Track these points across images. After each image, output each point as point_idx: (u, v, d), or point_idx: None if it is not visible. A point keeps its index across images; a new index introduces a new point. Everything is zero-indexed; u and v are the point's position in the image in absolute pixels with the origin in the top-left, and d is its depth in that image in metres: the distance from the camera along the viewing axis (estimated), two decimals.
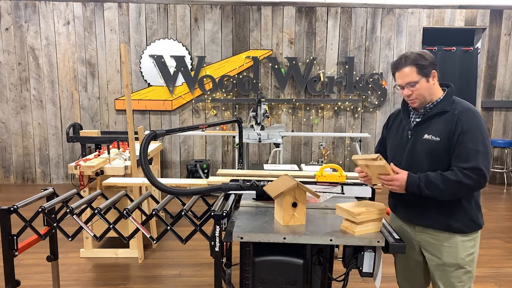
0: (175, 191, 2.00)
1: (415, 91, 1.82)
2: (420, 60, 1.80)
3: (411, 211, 1.92)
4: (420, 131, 1.86)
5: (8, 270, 2.02)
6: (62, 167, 6.20)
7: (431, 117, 1.85)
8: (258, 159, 6.33)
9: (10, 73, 5.96)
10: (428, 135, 1.83)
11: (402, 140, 1.95)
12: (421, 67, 1.80)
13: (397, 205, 2.02)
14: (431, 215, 1.85)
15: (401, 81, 1.84)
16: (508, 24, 6.16)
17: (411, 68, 1.80)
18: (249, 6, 5.98)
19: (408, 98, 1.86)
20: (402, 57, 1.85)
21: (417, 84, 1.80)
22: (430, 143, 1.82)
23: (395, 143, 1.99)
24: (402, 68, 1.83)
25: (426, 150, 1.82)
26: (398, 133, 1.99)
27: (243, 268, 1.83)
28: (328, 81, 6.09)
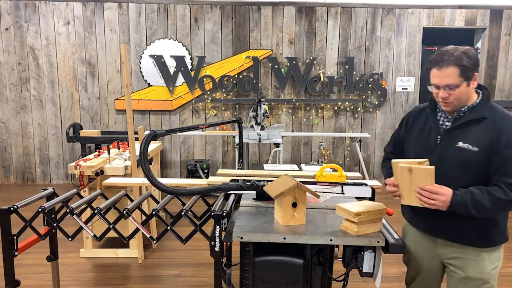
0: (175, 191, 2.00)
1: (452, 95, 1.63)
2: (464, 61, 1.59)
3: (435, 224, 1.77)
4: (453, 138, 1.68)
5: (8, 270, 2.02)
6: (62, 167, 6.20)
7: (466, 123, 1.66)
8: (258, 159, 6.33)
9: (10, 73, 5.97)
10: (464, 144, 1.64)
11: (428, 144, 1.76)
12: (464, 69, 1.59)
13: (416, 215, 1.86)
14: (458, 229, 1.71)
15: (439, 81, 1.64)
16: (508, 24, 6.16)
17: (453, 68, 1.59)
18: (249, 6, 5.98)
19: (443, 100, 1.66)
20: (445, 54, 1.62)
21: (457, 87, 1.61)
22: (465, 153, 1.63)
23: (418, 147, 1.80)
24: (443, 66, 1.61)
25: (460, 160, 1.65)
26: (422, 136, 1.80)
27: (243, 268, 1.83)
28: (328, 81, 6.09)
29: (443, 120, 1.76)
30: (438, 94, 1.66)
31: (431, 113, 1.79)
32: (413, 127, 1.87)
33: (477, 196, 1.58)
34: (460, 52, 1.60)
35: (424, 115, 1.83)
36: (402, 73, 6.20)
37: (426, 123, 1.80)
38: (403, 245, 1.67)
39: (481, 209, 1.58)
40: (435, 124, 1.76)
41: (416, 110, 1.91)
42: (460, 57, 1.59)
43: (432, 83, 1.67)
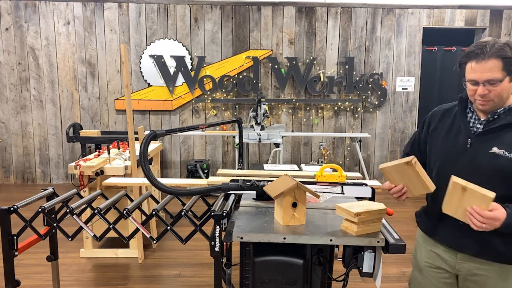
0: (175, 191, 1.99)
1: (493, 91, 1.45)
2: (508, 52, 1.42)
3: (459, 236, 1.59)
4: (486, 142, 1.51)
5: (8, 270, 2.02)
6: (62, 167, 6.20)
7: (502, 126, 1.50)
8: (258, 159, 6.33)
9: (10, 73, 5.97)
10: (499, 149, 1.48)
11: (456, 147, 1.59)
12: (508, 62, 1.42)
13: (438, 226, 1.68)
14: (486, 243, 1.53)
15: (479, 76, 1.44)
16: (508, 24, 6.16)
17: (496, 61, 1.41)
18: (249, 6, 5.99)
19: (481, 98, 1.48)
20: (485, 45, 1.44)
21: (499, 83, 1.43)
22: (500, 160, 1.47)
23: (444, 150, 1.63)
24: (484, 59, 1.42)
25: (494, 167, 1.48)
26: (449, 138, 1.62)
27: (243, 268, 1.82)
28: (328, 81, 6.09)
29: (473, 122, 1.58)
30: (476, 91, 1.47)
31: (461, 114, 1.61)
32: (437, 128, 1.68)
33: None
34: (502, 43, 1.43)
35: (451, 115, 1.66)
36: (402, 73, 6.20)
37: (454, 125, 1.62)
38: (403, 245, 1.66)
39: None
40: (465, 125, 1.58)
41: (441, 109, 1.72)
42: (503, 48, 1.41)
43: (469, 78, 1.48)
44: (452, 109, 1.68)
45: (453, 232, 1.60)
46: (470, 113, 1.61)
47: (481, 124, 1.56)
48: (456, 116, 1.63)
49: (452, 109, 1.68)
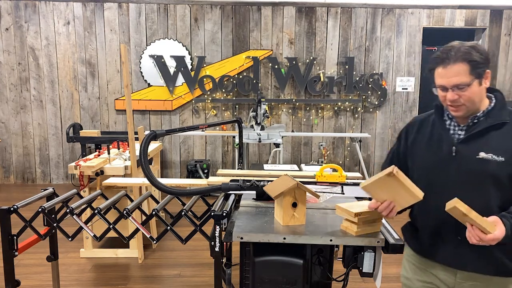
0: (175, 191, 2.00)
1: (463, 96, 1.40)
2: (474, 55, 1.38)
3: (459, 253, 1.49)
4: (472, 148, 1.44)
5: (8, 270, 2.02)
6: (62, 167, 6.20)
7: (485, 130, 1.44)
8: (258, 159, 6.33)
9: (10, 73, 5.97)
10: (487, 154, 1.41)
11: (441, 157, 1.50)
12: (475, 65, 1.38)
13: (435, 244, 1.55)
14: (485, 256, 1.45)
15: (446, 82, 1.40)
16: (508, 24, 6.16)
17: (462, 65, 1.38)
18: (249, 6, 5.99)
19: (452, 104, 1.43)
20: (451, 49, 1.40)
21: (468, 87, 1.39)
22: (489, 164, 1.41)
23: (428, 162, 1.54)
24: (450, 63, 1.39)
25: (484, 173, 1.42)
26: (431, 149, 1.54)
27: (243, 268, 1.83)
28: (328, 81, 6.09)
29: (454, 129, 1.52)
30: (446, 97, 1.42)
31: (439, 122, 1.55)
32: (416, 139, 1.60)
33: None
34: (468, 46, 1.40)
35: (429, 125, 1.59)
36: (402, 73, 6.20)
37: (433, 134, 1.55)
38: (403, 245, 1.66)
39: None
40: (445, 133, 1.52)
41: (417, 120, 1.65)
42: (469, 52, 1.38)
43: (438, 84, 1.44)
44: (429, 118, 1.61)
45: (453, 249, 1.50)
46: (448, 120, 1.54)
47: (462, 130, 1.50)
48: (435, 125, 1.56)
49: (429, 119, 1.61)
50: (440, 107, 1.56)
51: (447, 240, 1.51)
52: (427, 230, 1.57)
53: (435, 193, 1.49)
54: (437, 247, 1.55)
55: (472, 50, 1.39)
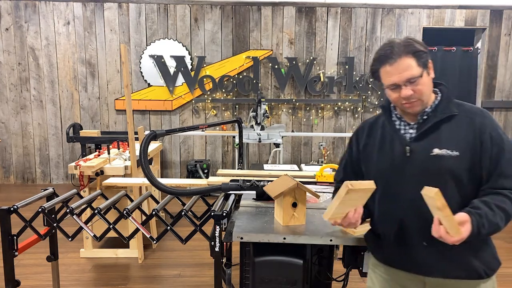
0: (175, 191, 2.00)
1: (417, 90, 1.35)
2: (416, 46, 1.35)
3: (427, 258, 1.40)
4: (425, 145, 1.39)
5: (8, 270, 2.02)
6: (62, 167, 6.20)
7: (435, 125, 1.40)
8: (258, 159, 6.33)
9: (10, 73, 5.97)
10: (440, 150, 1.36)
11: (395, 159, 1.44)
12: (419, 56, 1.35)
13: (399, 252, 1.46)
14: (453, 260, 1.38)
15: (398, 78, 1.35)
16: (508, 24, 6.16)
17: (408, 58, 1.34)
18: (249, 6, 5.99)
19: (408, 101, 1.38)
20: (392, 45, 1.36)
21: (419, 79, 1.34)
22: (445, 160, 1.35)
23: (383, 165, 1.47)
24: (397, 59, 1.34)
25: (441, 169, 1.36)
26: (384, 152, 1.48)
27: (243, 268, 1.83)
28: (328, 81, 6.09)
29: (404, 129, 1.46)
30: (400, 95, 1.37)
31: (389, 123, 1.49)
32: (368, 144, 1.54)
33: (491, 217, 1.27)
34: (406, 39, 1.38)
35: (378, 128, 1.53)
36: None
37: (385, 136, 1.49)
38: None
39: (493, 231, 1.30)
40: (396, 134, 1.46)
41: (366, 124, 1.59)
42: (410, 44, 1.35)
43: (389, 83, 1.38)
44: (378, 121, 1.56)
45: (418, 255, 1.41)
46: (397, 120, 1.49)
47: (412, 128, 1.45)
48: (385, 127, 1.50)
49: (378, 121, 1.56)
50: (387, 108, 1.52)
51: (411, 246, 1.42)
52: (389, 237, 1.47)
53: (393, 196, 1.44)
54: (401, 255, 1.45)
55: (412, 42, 1.36)
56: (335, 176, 1.73)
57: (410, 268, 1.45)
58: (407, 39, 1.37)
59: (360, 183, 1.37)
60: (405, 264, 1.46)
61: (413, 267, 1.44)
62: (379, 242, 1.53)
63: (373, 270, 1.61)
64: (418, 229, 1.37)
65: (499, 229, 1.30)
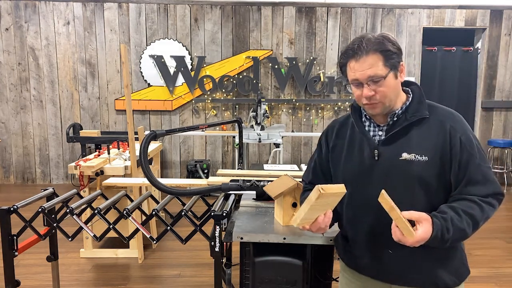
0: (175, 191, 2.00)
1: (379, 92, 1.29)
2: (387, 45, 1.28)
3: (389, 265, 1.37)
4: (394, 149, 1.33)
5: (8, 270, 2.02)
6: (62, 167, 6.20)
7: (405, 129, 1.33)
8: (258, 159, 6.33)
9: (10, 73, 5.97)
10: (409, 154, 1.30)
11: (363, 163, 1.38)
12: (388, 56, 1.28)
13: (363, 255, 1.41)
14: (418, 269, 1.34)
15: (360, 75, 1.28)
16: (508, 24, 6.16)
17: (375, 56, 1.27)
18: (249, 6, 5.99)
19: (368, 101, 1.31)
20: (361, 40, 1.28)
21: (383, 79, 1.27)
22: (413, 165, 1.30)
23: (350, 168, 1.41)
24: (363, 55, 1.27)
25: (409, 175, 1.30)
26: (352, 154, 1.42)
27: (243, 268, 1.82)
28: (328, 81, 6.09)
29: (374, 130, 1.40)
30: (362, 94, 1.30)
31: (358, 124, 1.42)
32: (336, 145, 1.47)
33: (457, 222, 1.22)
34: (379, 36, 1.30)
35: (348, 128, 1.46)
36: None
37: (354, 137, 1.43)
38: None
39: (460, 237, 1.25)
40: (365, 136, 1.39)
41: (335, 124, 1.52)
42: (381, 42, 1.28)
43: (352, 79, 1.31)
44: (347, 121, 1.49)
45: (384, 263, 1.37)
46: (367, 121, 1.42)
47: (382, 130, 1.38)
48: (354, 128, 1.43)
49: (348, 121, 1.48)
50: (357, 108, 1.44)
51: (377, 253, 1.38)
52: (356, 241, 1.43)
53: (361, 201, 1.38)
54: (367, 261, 1.41)
55: (384, 40, 1.28)
56: (303, 177, 1.65)
57: (375, 274, 1.41)
58: (380, 36, 1.29)
59: (331, 187, 1.28)
60: (370, 270, 1.42)
61: (378, 274, 1.40)
62: (347, 247, 1.49)
63: (342, 274, 1.58)
64: (384, 235, 1.29)
65: (466, 235, 1.25)
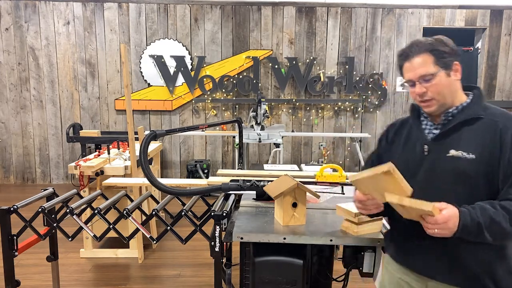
0: (175, 191, 2.00)
1: (430, 88, 1.35)
2: (438, 46, 1.38)
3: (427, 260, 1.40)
4: (443, 146, 1.38)
5: (8, 270, 2.02)
6: (62, 167, 6.20)
7: (457, 126, 1.37)
8: (258, 159, 6.33)
9: (10, 73, 5.96)
10: (457, 151, 1.34)
11: (414, 158, 1.44)
12: (439, 55, 1.36)
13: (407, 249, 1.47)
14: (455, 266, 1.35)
15: (412, 75, 1.37)
16: (508, 24, 6.16)
17: (425, 56, 1.36)
18: (249, 6, 5.98)
19: (422, 98, 1.38)
20: (414, 43, 1.41)
21: (433, 78, 1.35)
22: (460, 162, 1.32)
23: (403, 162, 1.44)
24: (414, 56, 1.38)
25: (454, 171, 1.33)
26: (406, 150, 1.49)
27: (243, 268, 1.82)
28: (328, 81, 6.09)
29: (429, 128, 1.46)
30: (415, 91, 1.39)
31: (414, 121, 1.50)
32: (394, 141, 1.55)
33: (490, 212, 1.23)
34: (432, 38, 1.41)
35: (407, 126, 1.54)
36: None
37: (410, 134, 1.50)
38: None
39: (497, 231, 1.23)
40: (420, 133, 1.46)
41: (398, 122, 1.60)
42: (431, 43, 1.39)
43: (406, 79, 1.41)
44: (408, 119, 1.57)
45: (423, 257, 1.41)
46: (424, 119, 1.49)
47: (436, 129, 1.44)
48: (412, 126, 1.52)
49: (408, 120, 1.56)
50: (416, 107, 1.51)
51: (417, 246, 1.42)
52: (400, 235, 1.49)
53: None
54: (408, 254, 1.46)
55: (435, 42, 1.38)
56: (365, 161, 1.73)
57: (414, 267, 1.45)
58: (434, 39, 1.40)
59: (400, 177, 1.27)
60: (410, 263, 1.46)
61: (416, 267, 1.44)
62: (393, 239, 1.54)
63: (386, 268, 1.61)
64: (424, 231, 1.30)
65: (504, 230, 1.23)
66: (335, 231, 1.72)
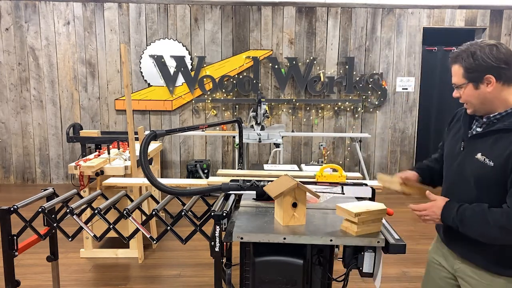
0: (175, 191, 1.99)
1: (462, 95, 1.49)
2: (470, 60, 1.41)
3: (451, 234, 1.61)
4: (474, 147, 1.47)
5: (8, 270, 2.02)
6: (62, 167, 6.20)
7: (492, 132, 1.43)
8: (258, 159, 6.33)
9: (10, 73, 5.97)
10: (482, 156, 1.42)
11: (454, 151, 1.57)
12: (468, 70, 1.43)
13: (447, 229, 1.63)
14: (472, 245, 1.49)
15: (452, 79, 1.51)
16: (508, 24, 6.16)
17: (457, 66, 1.47)
18: (249, 6, 5.98)
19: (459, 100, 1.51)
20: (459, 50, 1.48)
21: (462, 88, 1.47)
22: (481, 167, 1.42)
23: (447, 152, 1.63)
24: (452, 64, 1.49)
25: (475, 174, 1.43)
26: (453, 140, 1.61)
27: (243, 268, 1.82)
28: (328, 81, 6.09)
29: (475, 127, 1.54)
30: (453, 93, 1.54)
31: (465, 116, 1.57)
32: (451, 130, 1.67)
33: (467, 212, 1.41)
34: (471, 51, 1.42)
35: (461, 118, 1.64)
36: (402, 73, 6.20)
37: (460, 127, 1.60)
38: (403, 245, 1.66)
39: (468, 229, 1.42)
40: (465, 128, 1.55)
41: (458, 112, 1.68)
42: (458, 55, 1.45)
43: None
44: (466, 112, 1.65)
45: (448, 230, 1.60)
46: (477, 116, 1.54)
47: (480, 127, 1.51)
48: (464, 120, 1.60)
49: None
50: None
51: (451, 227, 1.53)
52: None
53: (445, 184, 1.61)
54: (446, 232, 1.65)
55: (463, 54, 1.44)
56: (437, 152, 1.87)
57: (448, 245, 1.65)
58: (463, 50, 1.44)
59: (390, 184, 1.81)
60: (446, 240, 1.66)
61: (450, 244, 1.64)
62: None
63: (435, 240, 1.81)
64: None
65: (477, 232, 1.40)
66: (335, 231, 1.71)
